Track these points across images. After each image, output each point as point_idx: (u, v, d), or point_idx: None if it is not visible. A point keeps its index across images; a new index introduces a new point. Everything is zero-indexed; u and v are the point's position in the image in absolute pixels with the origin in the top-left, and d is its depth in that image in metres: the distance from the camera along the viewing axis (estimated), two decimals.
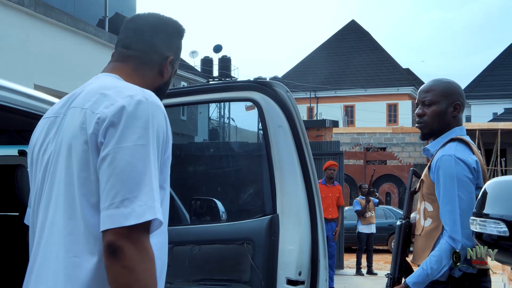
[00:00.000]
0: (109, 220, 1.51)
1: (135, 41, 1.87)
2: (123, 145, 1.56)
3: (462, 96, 2.90)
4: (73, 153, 1.62)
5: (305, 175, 2.98)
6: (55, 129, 1.73)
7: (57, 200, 1.63)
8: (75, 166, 1.61)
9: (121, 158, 1.55)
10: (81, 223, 1.59)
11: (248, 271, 3.00)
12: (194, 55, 35.07)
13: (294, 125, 3.00)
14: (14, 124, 3.45)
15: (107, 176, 1.54)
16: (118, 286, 1.50)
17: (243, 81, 3.28)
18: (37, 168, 1.75)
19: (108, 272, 1.52)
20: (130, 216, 1.51)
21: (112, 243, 1.50)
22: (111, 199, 1.52)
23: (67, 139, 1.64)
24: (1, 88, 2.41)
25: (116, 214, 1.51)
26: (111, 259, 1.50)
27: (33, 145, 1.79)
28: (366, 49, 47.37)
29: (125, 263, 1.50)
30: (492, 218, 2.05)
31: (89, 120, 1.61)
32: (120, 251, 1.50)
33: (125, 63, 1.86)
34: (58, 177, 1.64)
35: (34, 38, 11.30)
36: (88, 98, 1.67)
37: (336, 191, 10.15)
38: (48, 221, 1.65)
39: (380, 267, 13.58)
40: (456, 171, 2.65)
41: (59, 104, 1.79)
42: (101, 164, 1.56)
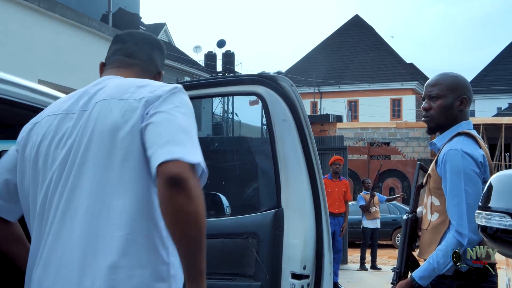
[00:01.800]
0: (169, 153, 1.57)
1: (137, 52, 2.02)
2: (168, 108, 1.68)
3: (469, 90, 2.89)
4: (116, 138, 1.68)
5: (310, 169, 2.98)
6: (71, 124, 1.77)
7: (94, 186, 1.67)
8: (119, 151, 1.67)
9: (168, 118, 1.66)
10: (132, 201, 1.65)
11: (252, 265, 3.00)
12: (197, 50, 35.06)
13: (298, 119, 3.00)
14: (18, 119, 3.45)
15: (154, 130, 1.64)
16: (180, 215, 1.53)
17: (247, 75, 3.28)
18: (47, 161, 1.76)
19: (169, 204, 1.54)
20: (190, 154, 1.59)
21: (177, 174, 1.53)
22: (166, 139, 1.60)
23: (104, 128, 1.69)
24: (5, 82, 2.40)
25: (176, 150, 1.58)
26: (174, 190, 1.53)
27: (37, 141, 1.81)
28: (370, 44, 47.27)
29: (189, 193, 1.54)
30: (497, 211, 2.04)
31: (135, 105, 1.70)
32: (185, 182, 1.54)
33: (129, 69, 1.98)
34: (93, 165, 1.68)
35: (38, 33, 11.31)
36: (123, 91, 1.75)
37: (343, 185, 10.12)
38: (82, 208, 1.67)
39: (384, 262, 13.58)
40: (463, 166, 2.64)
41: (67, 102, 1.84)
42: (146, 126, 1.65)
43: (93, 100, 1.78)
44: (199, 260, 1.59)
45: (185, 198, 1.53)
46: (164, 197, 1.54)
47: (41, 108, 2.55)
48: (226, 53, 34.12)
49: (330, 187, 9.68)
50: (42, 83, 2.77)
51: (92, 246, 1.64)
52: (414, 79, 43.87)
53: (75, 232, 1.66)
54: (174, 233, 1.57)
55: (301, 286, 2.93)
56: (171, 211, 1.54)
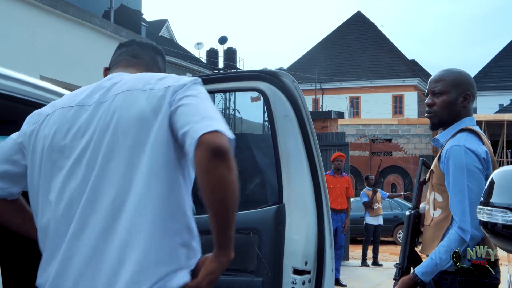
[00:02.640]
0: (209, 126, 1.63)
1: (142, 54, 2.11)
2: (195, 93, 1.77)
3: (473, 86, 2.89)
4: (145, 126, 1.72)
5: (312, 164, 2.98)
6: (87, 115, 1.81)
7: (124, 173, 1.71)
8: (149, 138, 1.71)
9: (195, 101, 1.74)
10: (164, 187, 1.71)
11: (254, 261, 3.00)
12: (199, 47, 35.02)
13: (300, 115, 3.00)
14: (20, 115, 3.45)
15: (184, 111, 1.70)
16: (222, 185, 1.60)
17: (249, 71, 3.28)
18: (63, 152, 1.80)
19: (211, 174, 1.59)
20: (226, 129, 1.65)
21: (220, 145, 1.60)
22: (201, 116, 1.67)
23: (131, 117, 1.74)
24: (8, 78, 2.40)
25: (214, 124, 1.64)
26: (218, 160, 1.59)
27: (50, 133, 1.83)
28: (372, 40, 47.21)
29: (230, 164, 1.61)
30: (499, 207, 2.04)
31: (161, 94, 1.76)
32: (227, 152, 1.61)
33: (136, 68, 2.05)
34: (122, 153, 1.72)
35: (40, 29, 11.31)
36: (144, 82, 1.81)
37: (345, 182, 10.12)
38: (110, 194, 1.71)
39: (385, 259, 13.58)
40: (466, 162, 2.63)
41: (80, 95, 1.89)
42: (176, 109, 1.72)
43: (110, 92, 1.83)
44: (232, 230, 1.67)
45: (226, 168, 1.60)
46: (207, 167, 1.60)
47: (43, 104, 2.55)
48: (228, 50, 34.11)
49: (332, 184, 9.68)
50: (44, 79, 2.77)
51: (124, 237, 1.68)
52: (416, 76, 43.81)
53: (103, 221, 1.70)
54: (213, 203, 1.63)
55: (302, 281, 2.94)
56: (214, 181, 1.60)
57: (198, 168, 1.61)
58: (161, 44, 29.51)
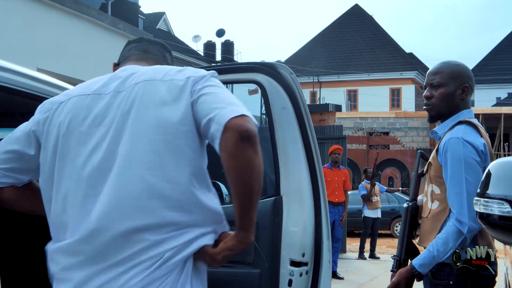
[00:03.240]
0: (235, 111, 1.67)
1: (152, 49, 2.17)
2: (215, 84, 1.82)
3: (471, 78, 2.89)
4: (167, 114, 1.76)
5: (309, 156, 2.98)
6: (104, 103, 1.85)
7: (148, 160, 1.74)
8: (173, 125, 1.75)
9: (216, 90, 1.79)
10: (192, 170, 1.76)
11: (251, 253, 3.00)
12: (196, 39, 34.95)
13: (298, 107, 2.99)
14: (17, 107, 3.45)
15: (207, 99, 1.75)
16: (249, 168, 1.65)
17: (247, 63, 3.26)
18: (80, 138, 1.83)
19: (240, 157, 1.64)
20: (243, 110, 1.69)
21: (249, 129, 1.64)
22: (226, 102, 1.72)
23: (152, 105, 1.78)
24: (5, 70, 2.40)
25: (240, 109, 1.69)
26: (246, 143, 1.64)
27: (66, 120, 1.86)
28: (370, 33, 47.14)
29: (256, 148, 1.66)
30: (495, 198, 2.05)
31: (182, 84, 1.81)
32: (255, 136, 1.65)
33: (147, 62, 2.10)
34: (146, 140, 1.75)
35: (37, 22, 11.28)
36: (163, 73, 1.86)
37: (342, 174, 10.13)
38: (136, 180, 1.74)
39: (382, 251, 13.62)
40: (463, 154, 2.64)
41: (96, 84, 1.92)
42: (198, 98, 1.77)
43: (128, 82, 1.87)
44: (254, 213, 1.75)
45: (254, 152, 1.65)
46: (235, 150, 1.64)
47: (41, 95, 2.55)
48: (226, 43, 34.04)
49: (330, 176, 9.69)
50: (41, 72, 2.77)
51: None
52: (414, 69, 43.79)
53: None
54: (239, 186, 1.68)
55: (299, 273, 2.94)
56: (241, 164, 1.65)
57: (226, 152, 1.65)
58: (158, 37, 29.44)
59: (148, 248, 1.70)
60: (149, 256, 1.70)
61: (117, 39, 13.56)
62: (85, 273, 1.73)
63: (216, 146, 1.69)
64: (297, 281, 2.94)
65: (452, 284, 2.66)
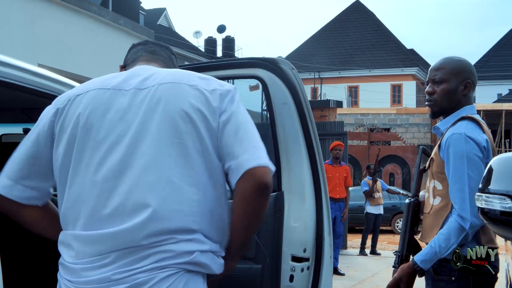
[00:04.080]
0: (258, 159, 1.77)
1: (159, 51, 2.19)
2: (240, 111, 1.87)
3: (473, 74, 2.88)
4: (192, 117, 1.81)
5: (310, 152, 2.97)
6: (125, 99, 1.86)
7: (171, 164, 1.78)
8: (199, 127, 1.81)
9: (241, 119, 1.85)
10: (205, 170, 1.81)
11: (253, 248, 3.00)
12: (197, 35, 34.94)
13: (299, 102, 2.99)
14: (19, 102, 3.45)
15: (234, 130, 1.82)
16: (258, 214, 1.81)
17: (248, 58, 3.25)
18: (99, 132, 1.83)
19: (253, 205, 1.78)
20: (269, 161, 1.80)
21: (267, 182, 1.76)
22: (244, 146, 1.79)
23: (182, 109, 1.81)
24: (7, 65, 2.40)
25: (262, 156, 1.78)
26: (261, 195, 1.77)
27: (86, 112, 1.86)
28: (371, 29, 47.12)
29: (268, 198, 1.81)
30: (497, 193, 2.04)
31: (210, 96, 1.86)
32: (270, 188, 1.78)
33: (157, 63, 2.12)
34: (170, 142, 1.79)
35: (38, 17, 11.27)
36: (188, 78, 1.90)
37: (343, 171, 10.12)
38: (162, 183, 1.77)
39: (383, 247, 13.63)
40: (466, 150, 2.63)
41: (114, 80, 1.93)
42: (226, 123, 1.83)
43: (150, 81, 1.89)
44: (247, 243, 1.90)
45: (265, 202, 1.80)
46: (250, 199, 1.76)
47: (43, 91, 2.55)
48: (227, 39, 34.04)
49: (331, 173, 9.69)
50: (42, 67, 2.76)
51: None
52: (415, 65, 43.77)
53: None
54: (244, 225, 1.83)
55: (301, 269, 2.94)
56: (254, 211, 1.80)
57: (240, 197, 1.77)
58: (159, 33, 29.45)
59: (163, 248, 1.74)
60: (163, 257, 1.73)
61: (118, 35, 13.56)
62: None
63: (232, 184, 1.79)
64: (298, 276, 2.94)
65: (454, 280, 2.65)
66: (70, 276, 1.78)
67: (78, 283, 1.75)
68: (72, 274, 1.77)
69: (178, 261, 1.73)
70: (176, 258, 1.73)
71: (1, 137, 4.45)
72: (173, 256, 1.73)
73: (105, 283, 1.71)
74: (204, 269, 1.80)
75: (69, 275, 1.78)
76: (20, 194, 1.92)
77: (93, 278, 1.73)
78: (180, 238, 1.74)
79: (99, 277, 1.72)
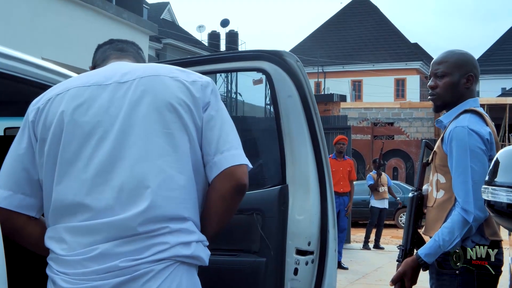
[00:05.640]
0: (237, 158, 1.84)
1: (127, 47, 2.22)
2: (222, 106, 1.94)
3: (476, 67, 2.87)
4: (178, 108, 1.84)
5: (315, 145, 2.96)
6: (107, 94, 1.87)
7: (162, 147, 1.81)
8: (185, 118, 1.84)
9: (225, 115, 1.92)
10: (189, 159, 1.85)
11: (257, 241, 3.00)
12: (201, 30, 34.94)
13: (304, 95, 2.97)
14: (23, 95, 3.45)
15: (219, 126, 1.88)
16: (231, 211, 1.89)
17: (252, 51, 3.23)
18: (83, 128, 1.83)
19: (229, 203, 1.86)
20: (246, 158, 1.87)
21: (245, 183, 1.84)
22: (229, 143, 1.86)
23: (166, 101, 1.85)
24: (10, 58, 2.39)
25: (240, 154, 1.86)
26: (238, 194, 1.86)
27: (69, 109, 1.86)
28: (374, 23, 47.03)
29: (243, 197, 1.89)
30: (503, 186, 2.04)
31: (191, 87, 1.90)
32: (245, 189, 1.87)
33: (127, 59, 2.16)
34: (158, 132, 1.82)
35: (42, 11, 11.28)
36: (167, 71, 1.94)
37: (347, 165, 10.11)
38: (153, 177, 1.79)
39: (387, 242, 13.64)
40: (469, 143, 2.63)
41: (94, 77, 1.94)
42: (211, 117, 1.89)
43: (129, 75, 1.91)
44: (215, 237, 1.93)
45: (240, 200, 1.88)
46: (228, 197, 1.84)
47: (46, 84, 2.54)
48: (230, 33, 34.04)
49: (335, 167, 9.67)
50: (46, 61, 2.76)
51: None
52: (419, 59, 43.68)
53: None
54: (214, 221, 1.88)
55: (305, 262, 2.94)
56: (226, 208, 1.87)
57: (219, 194, 1.84)
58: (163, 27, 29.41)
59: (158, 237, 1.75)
60: (158, 250, 1.74)
61: (122, 29, 13.56)
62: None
63: (210, 177, 1.86)
64: (303, 269, 2.94)
65: (458, 273, 2.65)
66: (65, 268, 1.76)
67: (75, 274, 1.73)
68: (67, 266, 1.76)
69: (174, 254, 1.74)
70: (172, 251, 1.74)
71: (4, 130, 4.45)
72: (169, 248, 1.74)
73: (109, 272, 1.71)
74: (198, 262, 1.82)
75: (63, 267, 1.77)
76: (20, 203, 1.88)
77: (92, 269, 1.72)
78: (173, 227, 1.76)
79: (103, 267, 1.71)
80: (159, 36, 27.07)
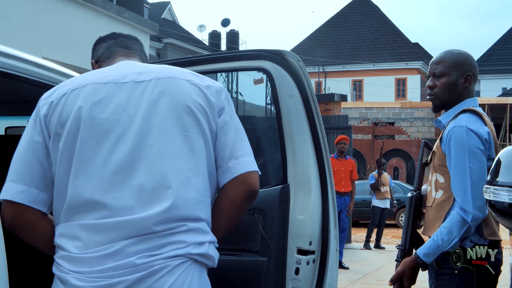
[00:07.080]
0: (250, 165, 1.89)
1: (131, 45, 2.22)
2: (235, 113, 1.98)
3: (474, 67, 2.87)
4: (195, 112, 1.86)
5: (316, 144, 2.96)
6: (125, 92, 1.87)
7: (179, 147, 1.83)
8: (201, 121, 1.87)
9: (238, 122, 1.96)
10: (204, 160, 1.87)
11: (258, 241, 3.00)
12: (202, 29, 34.97)
13: (305, 95, 2.97)
14: (24, 94, 3.44)
15: (233, 132, 1.92)
16: (241, 215, 1.93)
17: (254, 50, 3.23)
18: (102, 125, 1.82)
19: (240, 209, 1.91)
20: (256, 165, 1.92)
21: (255, 189, 1.89)
22: (243, 150, 1.90)
23: (181, 103, 1.86)
24: (11, 57, 2.39)
25: (252, 161, 1.90)
26: (249, 200, 1.90)
27: (87, 106, 1.84)
28: (375, 23, 47.02)
29: (252, 204, 1.94)
30: (505, 186, 2.04)
31: (207, 92, 1.92)
32: (257, 195, 1.92)
33: (134, 57, 2.17)
34: (173, 131, 1.84)
35: (42, 10, 11.28)
36: (182, 74, 1.95)
37: (349, 164, 10.11)
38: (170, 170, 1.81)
39: (387, 241, 13.64)
40: (467, 142, 2.63)
41: (110, 73, 1.94)
42: (226, 122, 1.92)
43: (145, 75, 1.91)
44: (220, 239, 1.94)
45: (249, 206, 1.93)
46: (240, 203, 1.89)
47: (47, 83, 2.54)
48: (231, 32, 34.05)
49: (336, 166, 9.67)
50: (46, 60, 2.76)
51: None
52: (419, 59, 43.67)
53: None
54: (225, 223, 1.92)
55: (307, 261, 2.94)
56: (237, 213, 1.92)
57: (231, 199, 1.88)
58: (163, 26, 29.42)
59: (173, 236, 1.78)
60: (175, 248, 1.76)
61: (122, 28, 13.55)
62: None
63: (221, 182, 1.88)
64: (304, 269, 2.94)
65: (457, 273, 2.66)
66: (79, 267, 1.74)
67: (91, 272, 1.71)
68: (81, 265, 1.73)
69: (189, 252, 1.76)
70: (187, 249, 1.76)
71: (6, 129, 4.45)
72: (185, 246, 1.76)
73: (126, 269, 1.70)
74: (209, 261, 1.84)
75: (77, 266, 1.74)
76: (35, 198, 1.83)
77: (109, 265, 1.71)
78: (190, 226, 1.78)
79: (120, 263, 1.71)
80: (159, 35, 27.11)
